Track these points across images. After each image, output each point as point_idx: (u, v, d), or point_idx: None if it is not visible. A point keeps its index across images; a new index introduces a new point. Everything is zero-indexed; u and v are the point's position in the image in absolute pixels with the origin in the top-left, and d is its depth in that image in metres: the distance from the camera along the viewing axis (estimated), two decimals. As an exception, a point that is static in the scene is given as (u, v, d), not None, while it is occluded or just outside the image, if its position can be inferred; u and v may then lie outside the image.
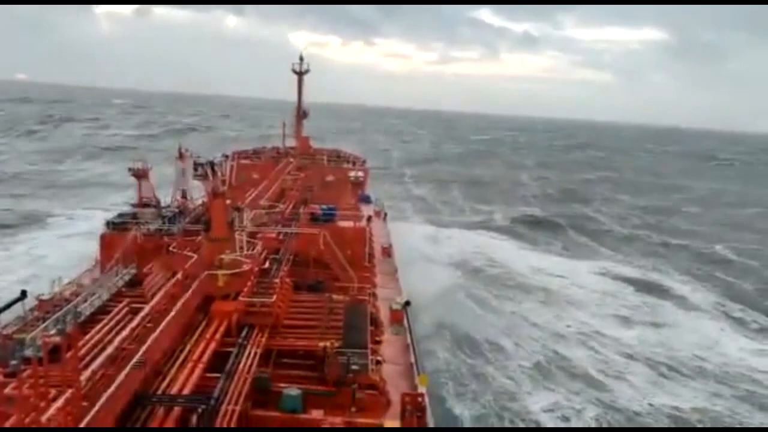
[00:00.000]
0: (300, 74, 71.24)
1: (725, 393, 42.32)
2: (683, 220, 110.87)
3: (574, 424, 36.74)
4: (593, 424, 36.82)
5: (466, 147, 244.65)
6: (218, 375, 22.96)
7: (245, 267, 30.69)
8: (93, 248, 56.79)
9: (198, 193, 46.10)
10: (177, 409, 20.35)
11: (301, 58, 70.93)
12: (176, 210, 42.78)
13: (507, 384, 40.78)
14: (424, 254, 65.20)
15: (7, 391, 16.67)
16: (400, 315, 33.15)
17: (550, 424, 36.26)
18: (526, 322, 52.18)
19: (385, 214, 60.83)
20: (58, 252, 59.44)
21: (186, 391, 21.61)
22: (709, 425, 38.22)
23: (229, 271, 29.77)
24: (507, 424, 35.95)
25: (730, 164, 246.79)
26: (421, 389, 24.89)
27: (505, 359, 44.59)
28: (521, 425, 36.05)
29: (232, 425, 20.15)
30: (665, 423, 37.97)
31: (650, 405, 39.46)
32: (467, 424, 35.32)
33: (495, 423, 35.94)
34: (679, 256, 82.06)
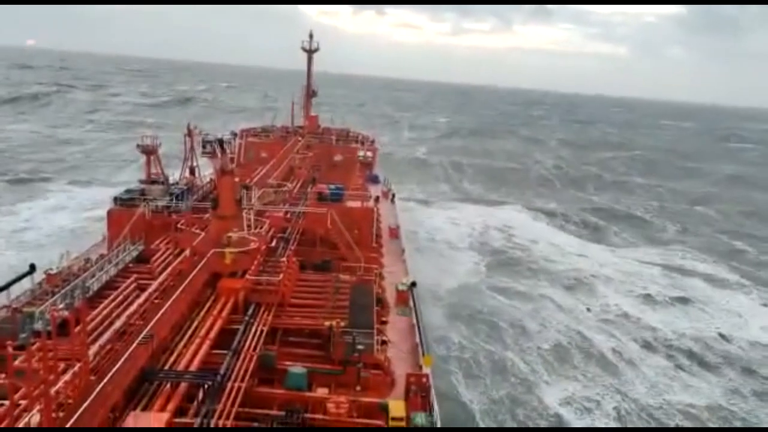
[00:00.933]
0: (310, 52, 70.65)
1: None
2: (704, 205, 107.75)
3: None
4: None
5: (479, 121, 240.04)
6: (225, 352, 23.15)
7: (252, 245, 30.77)
8: (80, 224, 56.55)
9: (206, 170, 46.17)
10: (184, 385, 20.55)
11: (311, 36, 70.33)
12: (184, 187, 42.82)
13: (525, 370, 39.92)
14: (445, 238, 65.51)
15: (16, 363, 16.85)
16: (406, 296, 33.23)
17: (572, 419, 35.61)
18: (552, 305, 51.63)
19: (393, 195, 60.71)
20: (47, 226, 59.50)
21: (193, 368, 21.83)
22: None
23: (236, 249, 29.85)
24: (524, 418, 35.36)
25: (743, 146, 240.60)
26: (426, 370, 25.03)
27: (527, 340, 43.99)
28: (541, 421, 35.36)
29: (238, 401, 20.33)
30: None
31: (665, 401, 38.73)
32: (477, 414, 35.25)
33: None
34: (700, 241, 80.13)
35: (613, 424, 35.44)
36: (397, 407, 21.92)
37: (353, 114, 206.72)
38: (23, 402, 16.70)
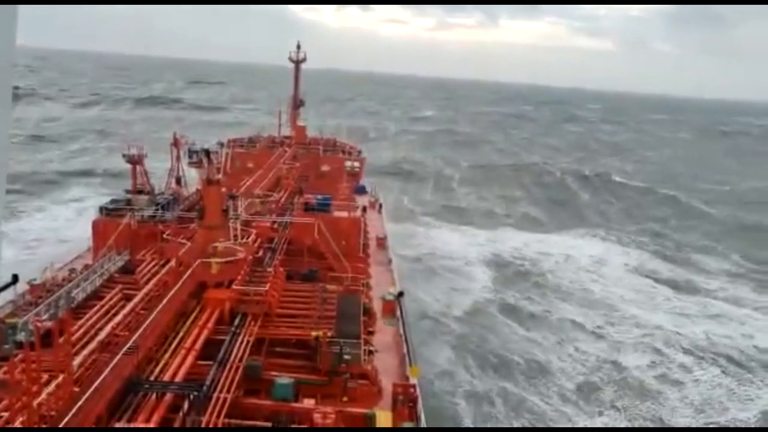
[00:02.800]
0: (297, 63, 70.71)
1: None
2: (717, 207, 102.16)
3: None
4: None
5: (467, 119, 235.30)
6: (210, 363, 23.02)
7: (239, 255, 30.66)
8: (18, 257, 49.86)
9: (193, 180, 45.99)
10: (169, 396, 20.40)
11: (298, 46, 70.39)
12: (170, 197, 42.65)
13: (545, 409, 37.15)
14: (446, 254, 63.55)
15: (-2, 375, 16.68)
16: (393, 305, 33.21)
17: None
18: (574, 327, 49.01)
19: (380, 205, 60.77)
20: None
21: (178, 378, 21.68)
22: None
23: (222, 259, 29.74)
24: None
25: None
26: (413, 380, 25.02)
27: (547, 374, 41.27)
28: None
29: (224, 413, 20.19)
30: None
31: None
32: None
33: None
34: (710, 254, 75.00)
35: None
36: (383, 418, 21.90)
37: (341, 112, 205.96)
38: (5, 414, 16.49)
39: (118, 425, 18.59)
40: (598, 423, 36.42)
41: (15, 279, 27.82)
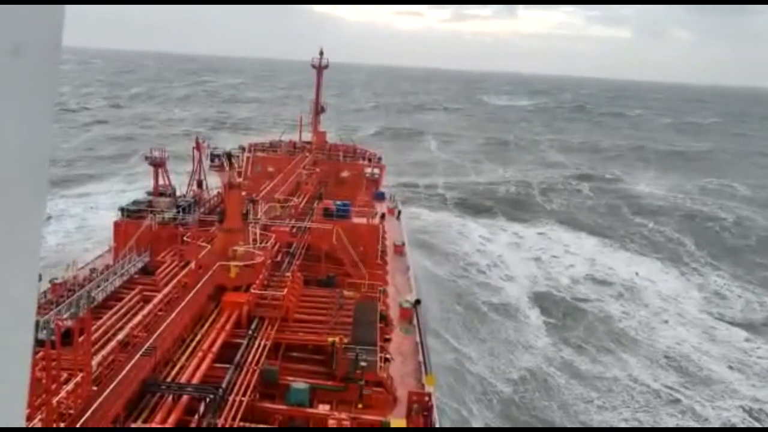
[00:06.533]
0: (319, 69, 71.01)
1: None
2: None
3: None
4: None
5: (493, 116, 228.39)
6: (227, 366, 23.13)
7: (258, 259, 30.80)
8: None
9: (214, 183, 46.35)
10: (185, 398, 20.53)
11: (321, 53, 70.69)
12: (191, 200, 43.00)
13: None
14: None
15: (19, 372, 16.86)
16: (410, 313, 33.16)
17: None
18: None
19: (399, 212, 60.73)
20: None
21: (195, 381, 21.80)
22: None
23: (241, 263, 29.90)
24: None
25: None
26: (429, 388, 24.94)
27: None
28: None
29: (239, 416, 20.29)
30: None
31: None
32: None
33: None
34: None
35: None
36: (398, 425, 21.84)
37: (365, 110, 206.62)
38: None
39: (134, 425, 18.74)
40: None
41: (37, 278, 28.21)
